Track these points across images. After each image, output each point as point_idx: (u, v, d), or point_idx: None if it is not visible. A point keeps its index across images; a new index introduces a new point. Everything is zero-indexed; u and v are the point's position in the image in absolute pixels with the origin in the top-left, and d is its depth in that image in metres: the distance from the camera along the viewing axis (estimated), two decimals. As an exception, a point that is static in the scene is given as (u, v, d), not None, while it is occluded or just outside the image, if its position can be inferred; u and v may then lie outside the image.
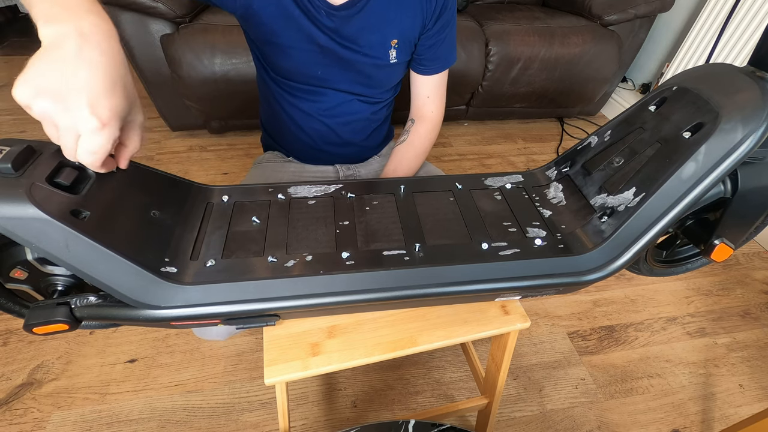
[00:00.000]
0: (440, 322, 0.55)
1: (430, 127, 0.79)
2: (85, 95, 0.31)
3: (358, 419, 0.90)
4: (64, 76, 0.30)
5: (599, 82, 1.74)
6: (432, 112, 0.79)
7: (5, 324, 1.02)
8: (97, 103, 0.32)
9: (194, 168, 1.58)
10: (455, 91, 1.69)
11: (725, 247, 0.48)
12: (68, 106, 0.31)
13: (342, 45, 0.66)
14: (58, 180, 0.36)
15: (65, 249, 0.34)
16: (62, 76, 0.30)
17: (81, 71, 0.31)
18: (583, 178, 0.52)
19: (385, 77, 0.74)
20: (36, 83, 0.30)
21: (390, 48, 0.68)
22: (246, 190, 0.53)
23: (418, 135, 0.78)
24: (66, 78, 0.30)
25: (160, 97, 1.57)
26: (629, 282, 1.25)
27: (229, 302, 0.40)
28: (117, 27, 1.43)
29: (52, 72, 0.30)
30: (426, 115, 0.79)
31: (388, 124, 0.87)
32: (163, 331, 1.03)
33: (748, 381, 1.02)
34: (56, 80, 0.30)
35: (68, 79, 0.30)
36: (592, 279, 0.44)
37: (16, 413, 0.86)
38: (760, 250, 1.39)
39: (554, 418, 0.92)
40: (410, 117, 0.81)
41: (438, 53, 0.72)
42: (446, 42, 0.71)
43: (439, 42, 0.70)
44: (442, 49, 0.72)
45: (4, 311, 0.45)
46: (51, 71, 0.30)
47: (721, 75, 0.46)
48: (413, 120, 0.79)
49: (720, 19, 1.47)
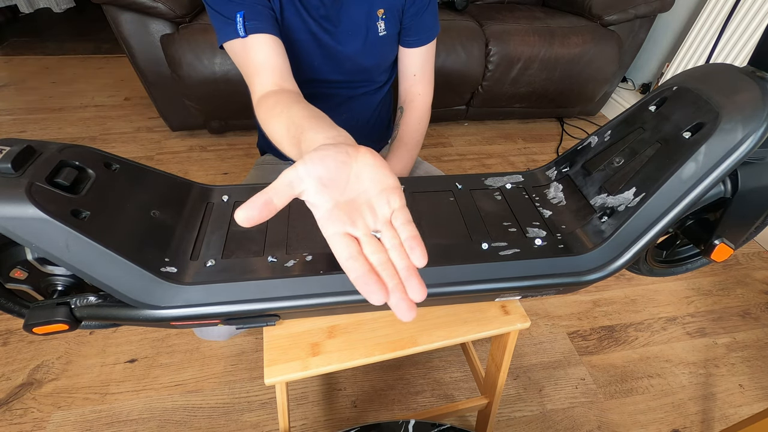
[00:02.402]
0: (440, 322, 0.55)
1: (418, 114, 0.78)
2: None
3: (358, 419, 0.90)
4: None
5: (599, 82, 1.74)
6: (420, 94, 0.78)
7: (5, 324, 1.02)
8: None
9: (194, 168, 1.58)
10: (455, 91, 1.69)
11: (725, 247, 0.48)
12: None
13: (333, 34, 0.66)
14: (58, 180, 0.36)
15: (65, 249, 0.34)
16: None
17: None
18: (583, 178, 0.52)
19: (378, 53, 0.73)
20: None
21: (378, 19, 0.68)
22: (246, 190, 0.53)
23: (407, 127, 0.78)
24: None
25: (160, 97, 1.57)
26: (629, 282, 1.25)
27: (229, 302, 0.40)
28: (117, 27, 1.42)
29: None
30: (414, 99, 0.78)
31: (386, 123, 0.87)
32: (163, 331, 1.03)
33: (748, 381, 1.02)
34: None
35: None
36: (592, 279, 0.44)
37: (16, 413, 0.86)
38: (760, 250, 1.39)
39: (554, 418, 0.92)
40: (399, 105, 0.80)
41: (423, 21, 0.72)
42: (430, 8, 0.72)
43: (423, 8, 0.71)
44: (426, 16, 0.72)
45: (4, 311, 0.45)
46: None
47: (722, 75, 0.46)
48: (402, 109, 0.79)
49: (720, 19, 1.47)
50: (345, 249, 0.29)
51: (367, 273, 0.28)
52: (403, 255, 0.30)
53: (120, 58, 2.35)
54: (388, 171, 0.32)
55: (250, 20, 0.58)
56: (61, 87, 2.05)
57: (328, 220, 0.30)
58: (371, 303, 0.27)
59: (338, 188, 0.31)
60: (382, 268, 0.29)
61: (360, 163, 0.32)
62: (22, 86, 2.03)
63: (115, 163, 0.44)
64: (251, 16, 0.58)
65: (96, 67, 2.26)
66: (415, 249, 0.30)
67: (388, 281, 0.28)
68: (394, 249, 0.30)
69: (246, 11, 0.58)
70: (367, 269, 0.28)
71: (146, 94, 1.57)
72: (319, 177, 0.30)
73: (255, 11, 0.58)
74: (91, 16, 2.93)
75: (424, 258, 0.29)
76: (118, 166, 0.44)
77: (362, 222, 0.31)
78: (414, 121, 0.78)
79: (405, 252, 0.30)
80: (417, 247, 0.30)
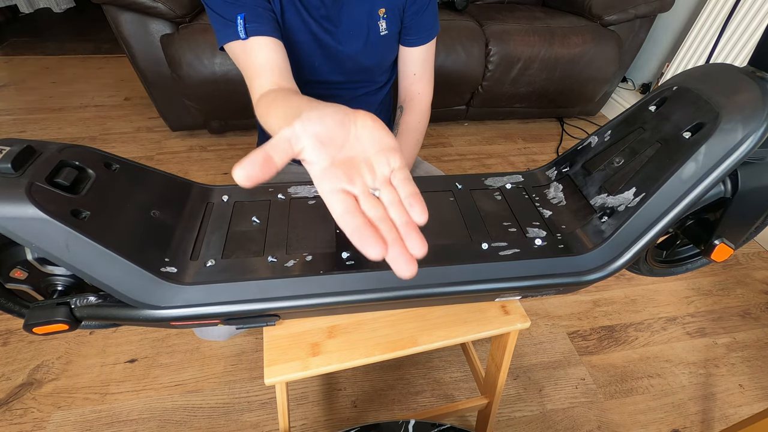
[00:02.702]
0: (440, 322, 0.55)
1: (418, 116, 0.78)
2: None
3: (358, 419, 0.90)
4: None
5: (599, 82, 1.74)
6: (419, 93, 0.78)
7: (5, 324, 1.02)
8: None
9: (194, 168, 1.58)
10: (455, 91, 1.69)
11: (725, 247, 0.48)
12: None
13: (333, 34, 0.66)
14: (58, 180, 0.36)
15: (65, 249, 0.34)
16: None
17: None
18: (583, 178, 0.52)
19: (379, 53, 0.73)
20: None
21: (379, 19, 0.68)
22: (246, 190, 0.53)
23: (407, 126, 0.78)
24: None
25: (160, 97, 1.57)
26: (629, 282, 1.25)
27: (229, 302, 0.40)
28: (117, 27, 1.42)
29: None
30: (413, 98, 0.78)
31: (387, 123, 0.87)
32: (163, 331, 1.03)
33: (748, 381, 1.02)
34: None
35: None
36: (592, 279, 0.44)
37: (16, 413, 0.86)
38: (760, 250, 1.39)
39: (554, 418, 0.92)
40: (399, 104, 0.80)
41: (423, 20, 0.72)
42: (430, 7, 0.72)
43: (424, 6, 0.71)
44: (426, 14, 0.72)
45: (4, 311, 0.45)
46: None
47: (721, 75, 0.46)
48: (401, 108, 0.79)
49: (720, 19, 1.47)
50: (341, 204, 0.28)
51: (364, 226, 0.27)
52: (402, 211, 0.29)
53: (120, 58, 2.35)
54: (388, 132, 0.32)
55: (251, 22, 0.58)
56: (61, 87, 2.05)
57: (324, 177, 0.30)
58: (368, 257, 0.26)
59: (336, 146, 0.30)
60: (380, 222, 0.28)
61: (359, 125, 0.32)
62: (22, 86, 2.03)
63: (115, 163, 0.44)
64: (252, 18, 0.58)
65: (96, 67, 2.26)
66: (415, 206, 0.29)
67: (386, 235, 0.27)
68: (392, 205, 0.29)
69: (247, 13, 0.58)
70: (363, 222, 0.27)
71: (146, 94, 1.57)
72: (316, 134, 0.30)
73: (256, 13, 0.58)
74: (91, 16, 2.93)
75: (424, 214, 0.28)
76: (118, 166, 0.44)
77: (360, 180, 0.30)
78: (414, 120, 0.78)
79: (404, 209, 0.29)
80: (417, 204, 0.29)
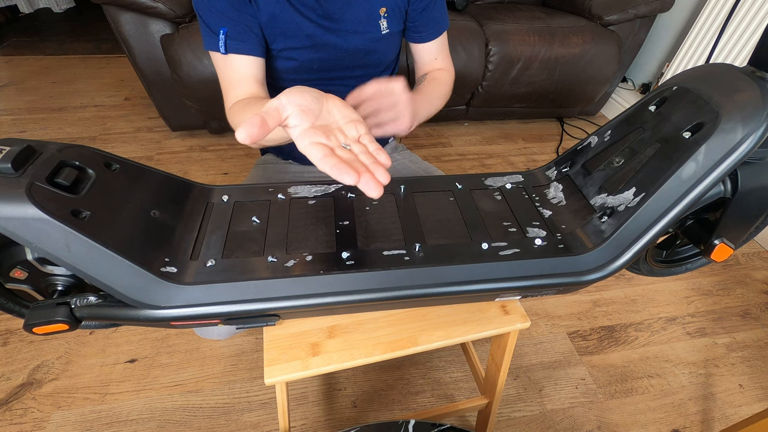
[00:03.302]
0: (440, 322, 0.55)
1: (446, 77, 0.73)
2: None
3: (358, 419, 0.90)
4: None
5: (599, 82, 1.74)
6: (442, 69, 0.75)
7: (5, 324, 1.02)
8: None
9: (194, 168, 1.58)
10: (455, 91, 1.68)
11: (725, 247, 0.48)
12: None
13: (331, 30, 0.66)
14: (58, 180, 0.36)
15: (65, 249, 0.34)
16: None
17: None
18: (583, 178, 0.52)
19: (381, 51, 0.72)
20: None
21: (380, 18, 0.67)
22: (246, 190, 0.53)
23: (434, 76, 0.72)
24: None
25: (160, 97, 1.57)
26: (629, 282, 1.25)
27: (229, 302, 0.40)
28: (117, 27, 1.42)
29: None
30: (438, 73, 0.74)
31: None
32: (163, 331, 1.03)
33: (748, 381, 1.02)
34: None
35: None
36: (592, 279, 0.44)
37: (16, 413, 0.86)
38: (760, 250, 1.39)
39: (554, 418, 0.92)
40: (421, 76, 0.76)
41: (432, 16, 0.70)
42: (438, 3, 0.70)
43: (432, 3, 0.69)
44: (435, 11, 0.70)
45: (4, 311, 0.45)
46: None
47: (721, 75, 0.46)
48: (425, 75, 0.74)
49: (720, 19, 1.47)
50: (320, 150, 0.35)
51: (340, 162, 0.34)
52: (370, 157, 0.37)
53: (120, 58, 2.35)
54: (353, 110, 0.41)
55: (232, 39, 0.59)
56: (61, 87, 2.05)
57: (304, 134, 0.36)
58: (344, 182, 0.33)
59: (314, 115, 0.38)
60: (352, 161, 0.36)
61: (330, 104, 0.40)
62: (22, 86, 2.03)
63: (115, 163, 0.44)
64: (234, 34, 0.59)
65: (96, 67, 2.26)
66: (381, 154, 0.38)
67: (358, 169, 0.34)
68: (362, 153, 0.38)
69: (230, 29, 0.59)
70: (339, 160, 0.34)
71: (146, 94, 1.57)
72: (299, 104, 0.37)
73: (238, 30, 0.59)
74: (91, 16, 2.93)
75: (388, 161, 0.37)
76: (118, 166, 0.44)
77: (334, 138, 0.38)
78: (442, 76, 0.73)
79: (372, 155, 0.37)
80: (382, 153, 0.38)
